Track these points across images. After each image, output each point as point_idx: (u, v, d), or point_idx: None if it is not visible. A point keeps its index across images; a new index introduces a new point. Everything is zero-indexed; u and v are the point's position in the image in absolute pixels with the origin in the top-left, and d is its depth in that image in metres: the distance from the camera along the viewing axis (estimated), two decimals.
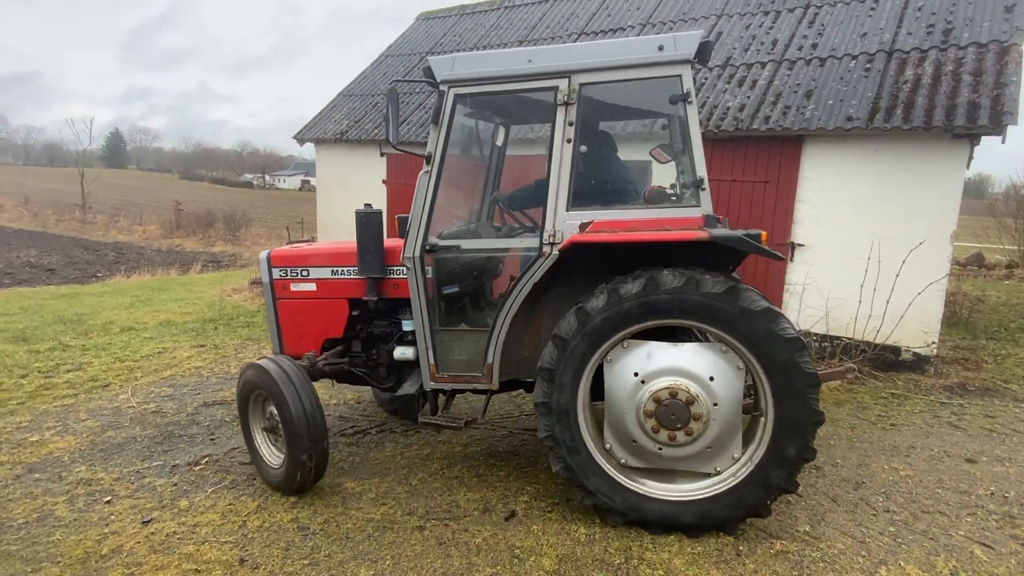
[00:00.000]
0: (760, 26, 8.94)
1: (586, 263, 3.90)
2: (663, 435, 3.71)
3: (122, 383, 7.15)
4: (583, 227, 3.81)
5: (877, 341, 7.07)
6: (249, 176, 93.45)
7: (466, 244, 4.42)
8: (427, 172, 4.11)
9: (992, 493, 4.56)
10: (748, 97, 7.79)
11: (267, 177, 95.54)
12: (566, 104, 3.87)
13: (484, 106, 4.74)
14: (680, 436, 3.68)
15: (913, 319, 6.94)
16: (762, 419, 3.67)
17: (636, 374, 3.74)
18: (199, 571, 3.61)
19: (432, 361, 4.35)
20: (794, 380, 3.49)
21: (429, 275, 4.24)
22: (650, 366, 3.72)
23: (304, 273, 4.95)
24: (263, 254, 5.15)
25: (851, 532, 3.98)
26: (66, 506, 4.39)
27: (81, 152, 45.69)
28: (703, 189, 3.70)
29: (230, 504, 4.38)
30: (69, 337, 9.18)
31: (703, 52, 3.76)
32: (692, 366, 3.68)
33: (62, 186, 51.40)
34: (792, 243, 7.47)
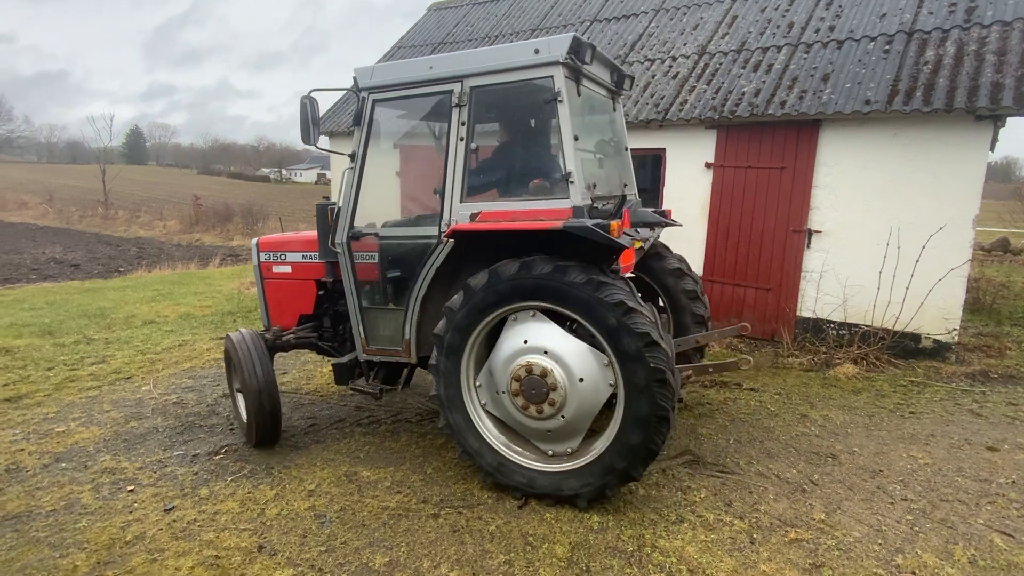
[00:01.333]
0: (776, 9, 8.78)
1: (486, 250, 4.16)
2: (520, 401, 4.06)
3: (144, 375, 7.29)
4: (473, 217, 4.15)
5: (896, 328, 6.97)
6: (266, 170, 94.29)
7: (383, 232, 4.73)
8: (351, 168, 4.66)
9: (1014, 481, 4.48)
10: (764, 82, 7.68)
11: (284, 171, 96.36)
12: (459, 106, 4.25)
13: (415, 108, 4.99)
14: (536, 410, 4.01)
15: (934, 306, 6.82)
16: (616, 406, 3.85)
17: (526, 341, 4.03)
18: (219, 557, 3.69)
19: (363, 335, 4.90)
20: (641, 373, 3.63)
21: (373, 260, 4.72)
22: (536, 340, 3.99)
23: (282, 257, 5.58)
24: (254, 241, 5.80)
25: (867, 520, 3.95)
26: (91, 494, 4.50)
27: (102, 149, 46.33)
28: (571, 183, 3.92)
29: (249, 493, 4.46)
30: (93, 331, 9.37)
31: (579, 51, 3.98)
32: (567, 353, 3.91)
33: (85, 183, 52.28)
34: (809, 230, 7.38)
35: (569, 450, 4.08)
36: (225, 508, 4.26)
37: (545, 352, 3.95)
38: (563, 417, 3.97)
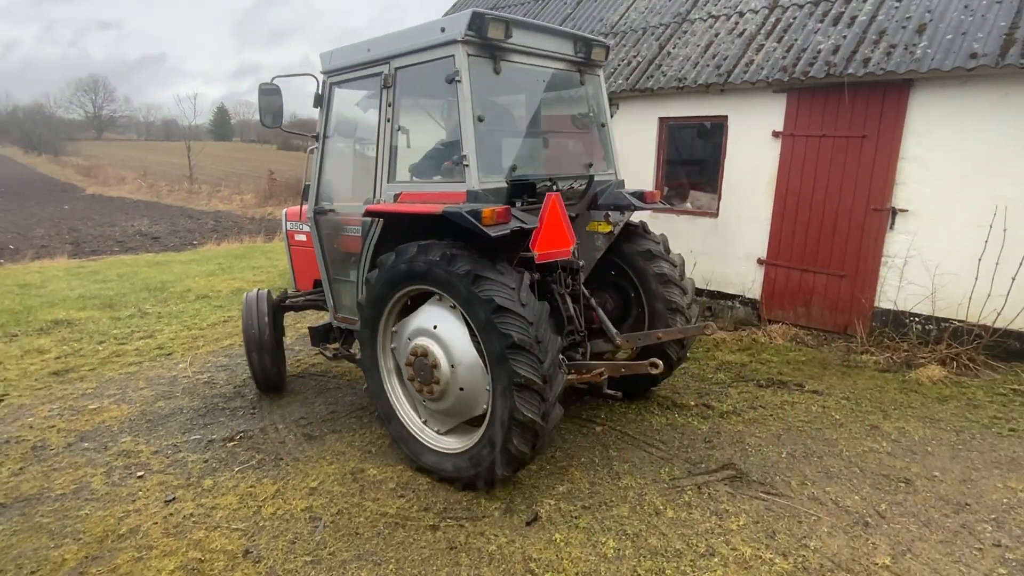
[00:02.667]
0: None
1: (420, 230, 4.13)
2: (413, 378, 4.19)
3: (184, 352, 7.34)
4: (396, 197, 4.30)
5: (997, 325, 5.95)
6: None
7: (339, 208, 4.97)
8: (315, 149, 5.05)
9: None
10: (844, 37, 6.66)
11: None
12: (386, 87, 4.38)
13: (362, 90, 5.07)
14: (427, 391, 4.10)
15: None
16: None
17: (435, 326, 4.03)
18: (203, 560, 3.49)
19: (332, 303, 5.28)
20: (494, 342, 3.60)
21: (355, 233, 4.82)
22: (432, 323, 4.04)
23: (301, 227, 5.85)
24: (283, 211, 6.26)
25: (946, 570, 3.26)
26: (102, 478, 4.44)
27: (189, 127, 48.73)
28: (466, 165, 3.91)
29: (251, 487, 4.27)
30: (149, 304, 9.63)
31: (481, 28, 3.87)
32: (451, 339, 3.95)
33: (175, 159, 55.32)
34: (893, 208, 6.39)
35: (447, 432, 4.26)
36: (224, 503, 4.08)
37: (434, 336, 4.02)
38: (447, 400, 4.06)
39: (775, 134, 6.97)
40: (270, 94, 4.90)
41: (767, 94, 6.96)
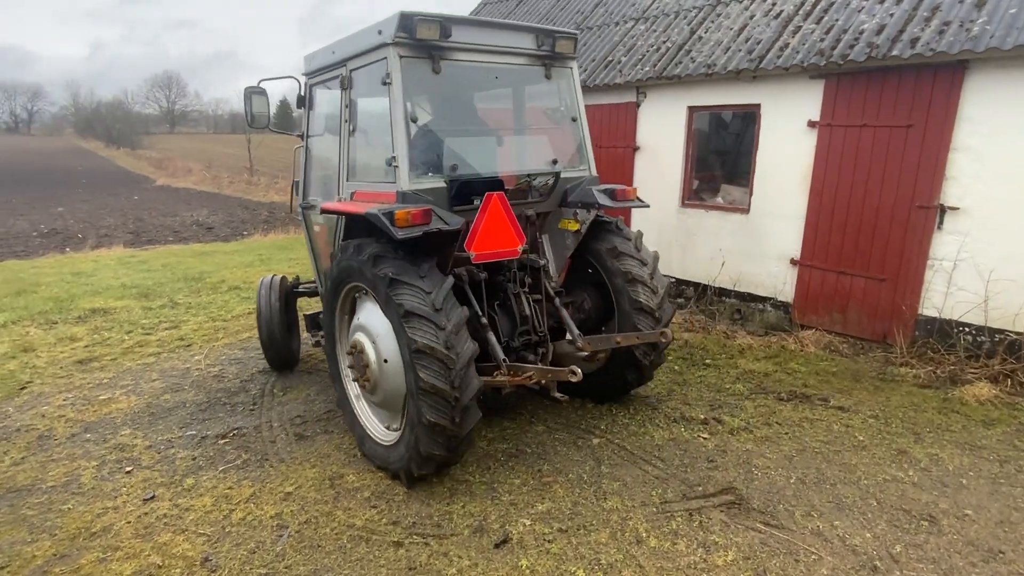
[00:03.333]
0: None
1: (373, 227, 4.07)
2: (353, 375, 4.37)
3: (203, 343, 7.45)
4: (352, 196, 4.43)
5: None
6: None
7: (319, 205, 5.04)
8: (301, 147, 5.42)
9: None
10: (891, 15, 6.01)
11: None
12: (344, 89, 4.53)
13: (333, 90, 5.07)
14: (363, 382, 4.25)
15: None
16: None
17: (369, 323, 4.16)
18: (160, 566, 3.43)
19: (322, 290, 5.24)
20: (403, 345, 3.68)
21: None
22: (369, 320, 4.15)
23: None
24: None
25: None
26: (93, 472, 4.49)
27: (219, 117, 50.30)
28: (395, 167, 4.00)
29: (228, 488, 4.21)
30: (182, 295, 9.88)
31: (410, 28, 3.89)
32: (380, 336, 4.03)
33: (239, 151, 57.49)
34: (941, 206, 5.74)
35: (389, 426, 4.36)
36: (198, 504, 4.03)
37: (367, 332, 4.14)
38: (379, 394, 4.16)
39: (811, 124, 6.40)
40: (256, 96, 5.15)
41: (802, 80, 6.39)
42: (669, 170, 7.69)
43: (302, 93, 5.35)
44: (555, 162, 4.76)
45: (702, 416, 5.03)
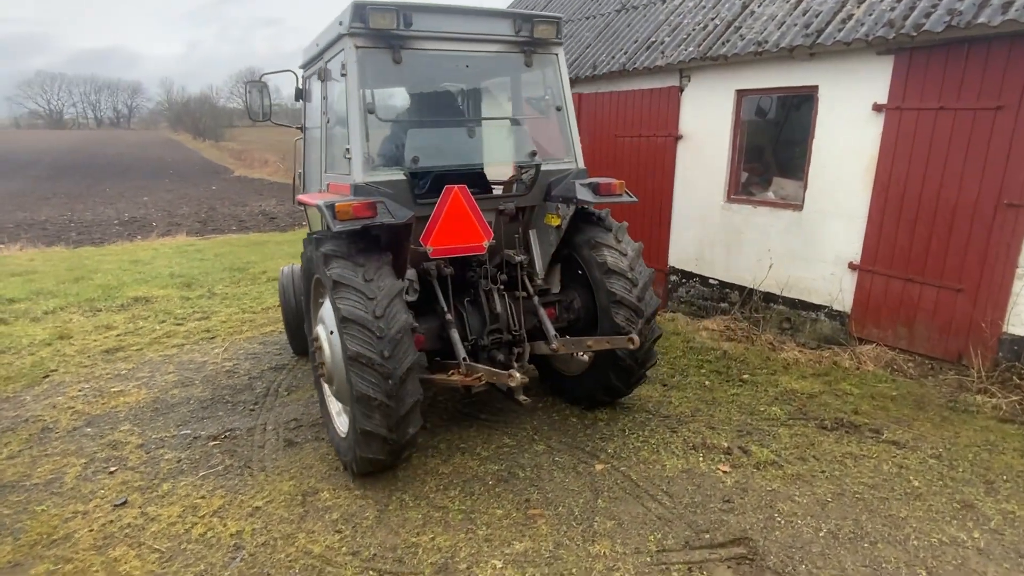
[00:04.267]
0: None
1: None
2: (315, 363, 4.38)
3: (227, 335, 7.41)
4: (327, 187, 4.51)
5: None
6: None
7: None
8: (301, 139, 5.64)
9: None
10: None
11: None
12: (322, 81, 4.54)
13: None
14: (321, 372, 4.25)
15: None
16: None
17: (324, 317, 4.19)
18: None
19: None
20: (345, 389, 3.71)
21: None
22: (325, 315, 4.14)
23: None
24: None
25: None
26: (79, 471, 4.40)
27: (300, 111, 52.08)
28: (348, 158, 4.00)
29: (199, 499, 4.00)
30: (221, 285, 9.99)
31: (363, 18, 3.82)
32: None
33: None
34: None
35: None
36: (165, 514, 3.84)
37: (324, 324, 4.15)
38: (334, 386, 4.11)
39: (877, 108, 5.52)
40: (256, 90, 5.24)
41: (868, 57, 5.52)
42: (714, 162, 6.96)
43: (299, 86, 5.47)
44: (534, 154, 4.49)
45: (726, 444, 4.40)
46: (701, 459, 4.23)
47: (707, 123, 6.96)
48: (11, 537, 3.66)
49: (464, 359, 3.92)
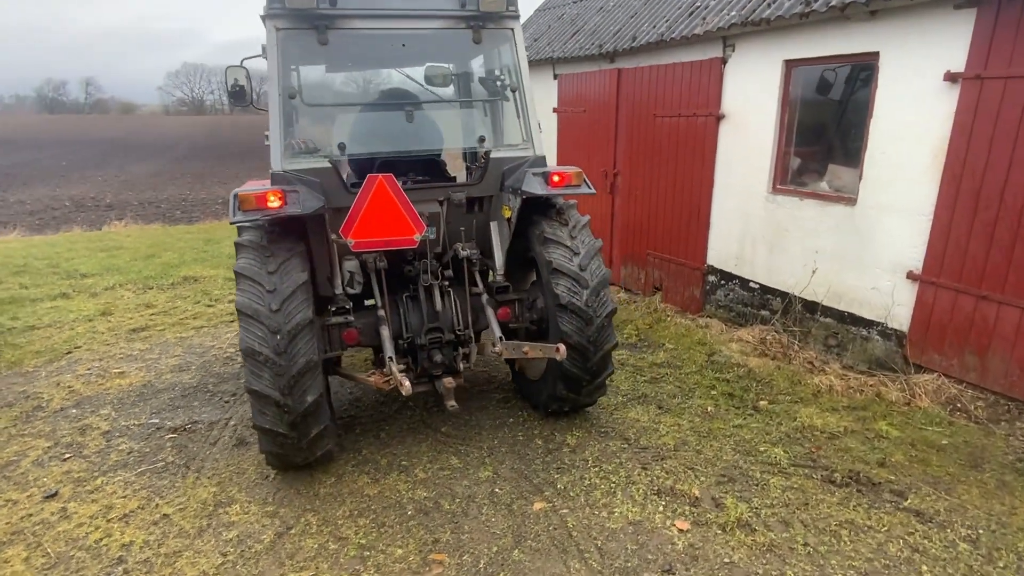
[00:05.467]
0: None
1: None
2: None
3: None
4: None
5: None
6: None
7: None
8: None
9: None
10: None
11: None
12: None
13: None
14: None
15: None
16: None
17: None
18: None
19: None
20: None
21: None
22: None
23: None
24: None
25: None
26: (38, 454, 4.46)
27: None
28: (267, 144, 3.82)
29: (119, 498, 3.90)
30: None
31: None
32: None
33: None
34: None
35: None
36: (81, 512, 3.76)
37: None
38: None
39: (950, 77, 4.32)
40: (237, 75, 4.81)
41: (941, 12, 4.32)
42: (757, 145, 5.93)
43: None
44: (482, 140, 4.19)
45: (697, 492, 3.63)
46: (660, 509, 3.50)
47: (751, 100, 5.94)
48: None
49: (390, 358, 3.71)
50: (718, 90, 6.26)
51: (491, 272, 4.53)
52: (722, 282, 6.66)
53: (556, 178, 3.98)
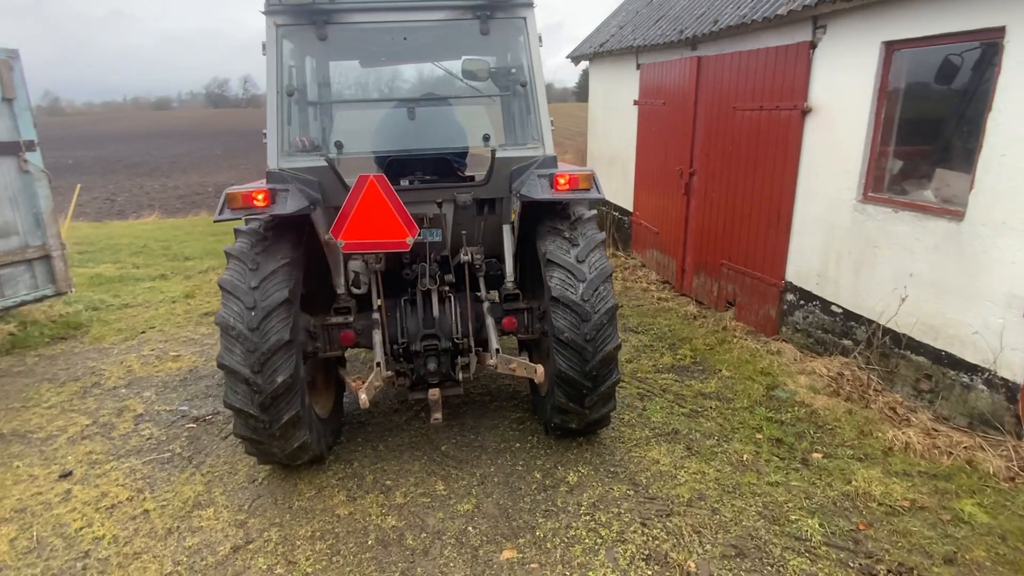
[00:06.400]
0: None
1: None
2: None
3: None
4: None
5: None
6: None
7: None
8: None
9: None
10: None
11: None
12: None
13: None
14: None
15: None
16: None
17: None
18: None
19: None
20: None
21: None
22: None
23: None
24: None
25: None
26: (74, 431, 4.76)
27: (562, 90, 54.48)
28: (265, 142, 3.76)
29: (117, 486, 4.02)
30: None
31: None
32: None
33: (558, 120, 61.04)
34: None
35: None
36: (79, 496, 3.92)
37: None
38: None
39: None
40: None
41: None
42: (847, 143, 4.97)
43: None
44: (488, 138, 3.75)
45: (693, 565, 3.01)
46: None
47: (842, 90, 5.00)
48: None
49: (378, 364, 3.68)
50: (804, 79, 5.35)
51: (504, 279, 4.21)
52: (801, 302, 5.74)
53: (562, 181, 3.62)
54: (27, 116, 6.91)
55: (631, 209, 9.13)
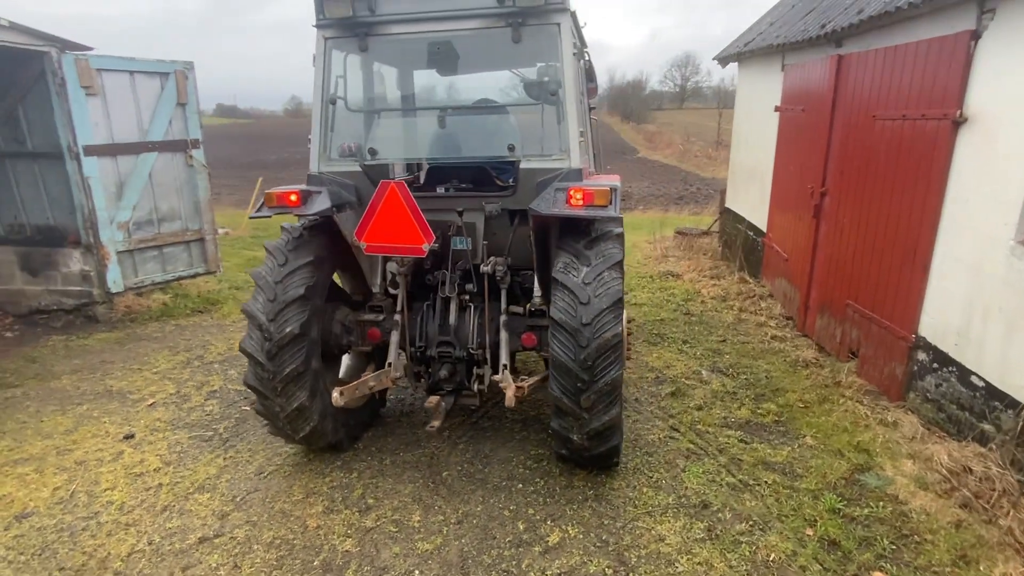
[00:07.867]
0: None
1: None
2: None
3: None
4: None
5: None
6: None
7: None
8: None
9: None
10: None
11: None
12: None
13: None
14: None
15: None
16: None
17: None
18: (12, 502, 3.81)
19: None
20: None
21: None
22: None
23: None
24: None
25: None
26: (160, 397, 5.33)
27: (726, 93, 50.15)
28: (309, 147, 4.04)
29: (154, 455, 4.38)
30: None
31: (321, 8, 3.74)
32: None
33: (727, 125, 57.50)
34: None
35: None
36: (122, 461, 4.34)
37: None
38: None
39: None
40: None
41: None
42: (1010, 166, 3.70)
43: None
44: (512, 148, 3.79)
45: None
46: None
47: (1010, 95, 3.74)
48: (40, 437, 4.62)
49: (389, 364, 3.95)
50: (960, 80, 4.13)
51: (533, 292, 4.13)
52: (935, 365, 4.47)
53: (577, 196, 3.37)
54: (195, 119, 8.02)
55: (765, 229, 7.98)
